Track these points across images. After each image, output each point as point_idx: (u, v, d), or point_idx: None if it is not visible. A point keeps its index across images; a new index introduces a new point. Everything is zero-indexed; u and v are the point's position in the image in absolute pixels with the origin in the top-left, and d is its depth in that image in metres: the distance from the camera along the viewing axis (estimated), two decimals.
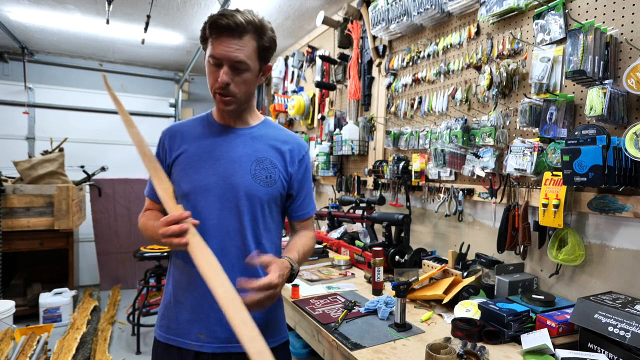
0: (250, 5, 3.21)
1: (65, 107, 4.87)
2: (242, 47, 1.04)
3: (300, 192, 1.24)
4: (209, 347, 1.11)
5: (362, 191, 2.84)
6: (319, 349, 1.48)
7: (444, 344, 1.10)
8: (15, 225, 3.50)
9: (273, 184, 1.16)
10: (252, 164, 1.15)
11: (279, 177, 1.18)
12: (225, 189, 1.12)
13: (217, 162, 1.13)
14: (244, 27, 1.04)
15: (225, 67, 1.05)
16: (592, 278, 1.45)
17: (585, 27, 1.34)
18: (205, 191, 1.11)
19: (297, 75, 3.80)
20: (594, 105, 1.29)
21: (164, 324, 1.17)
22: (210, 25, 1.04)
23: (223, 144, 1.16)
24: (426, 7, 2.02)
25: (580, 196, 1.44)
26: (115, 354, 3.09)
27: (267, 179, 1.15)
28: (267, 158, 1.17)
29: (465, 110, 1.96)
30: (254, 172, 1.14)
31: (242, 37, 1.05)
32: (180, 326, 1.13)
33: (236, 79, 1.07)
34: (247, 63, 1.06)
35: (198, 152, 1.15)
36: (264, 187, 1.14)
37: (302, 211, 1.26)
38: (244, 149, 1.16)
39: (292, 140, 1.24)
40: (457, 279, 1.64)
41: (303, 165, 1.24)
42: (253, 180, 1.13)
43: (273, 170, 1.17)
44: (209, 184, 1.12)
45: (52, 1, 3.18)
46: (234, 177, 1.12)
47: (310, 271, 2.13)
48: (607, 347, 1.10)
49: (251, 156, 1.15)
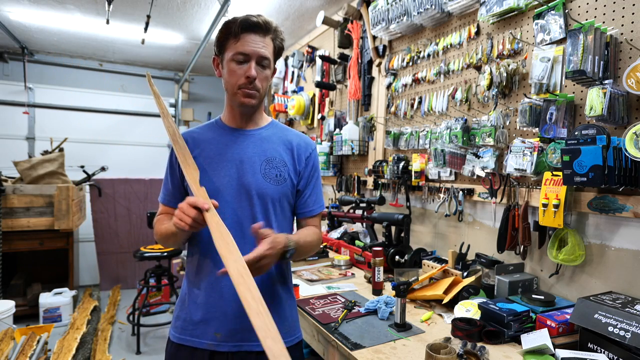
0: (250, 6, 3.22)
1: (65, 107, 4.88)
2: (267, 45, 1.13)
3: (306, 189, 1.26)
4: (225, 345, 1.12)
5: (362, 191, 2.84)
6: (319, 349, 1.48)
7: (444, 344, 1.10)
8: (15, 225, 3.50)
9: (283, 182, 1.19)
10: (262, 163, 1.18)
11: (288, 176, 1.21)
12: (238, 189, 1.15)
13: (228, 163, 1.17)
14: (269, 26, 1.13)
15: (252, 63, 1.11)
16: (592, 278, 1.45)
17: (585, 27, 1.34)
18: (219, 192, 1.14)
19: (297, 75, 3.80)
20: (594, 105, 1.29)
21: (179, 324, 1.18)
22: (242, 23, 1.10)
23: (234, 146, 1.19)
24: (426, 7, 2.02)
25: (580, 196, 1.44)
26: (115, 354, 3.09)
27: (277, 177, 1.18)
28: (276, 157, 1.20)
29: (465, 110, 1.96)
30: (264, 171, 1.17)
31: (266, 36, 1.13)
32: (196, 326, 1.14)
33: (260, 75, 1.14)
34: (270, 60, 1.15)
35: (210, 155, 1.19)
36: (274, 186, 1.18)
37: (307, 208, 1.27)
38: (254, 149, 1.20)
39: (299, 139, 1.28)
40: (457, 279, 1.64)
41: (310, 163, 1.27)
42: (263, 179, 1.16)
43: (282, 169, 1.20)
44: (223, 185, 1.15)
45: (52, 1, 3.18)
46: (245, 177, 1.16)
47: (310, 271, 2.13)
48: (607, 347, 1.10)
49: (261, 156, 1.19)
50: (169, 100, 5.50)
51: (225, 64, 1.15)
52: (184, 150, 1.15)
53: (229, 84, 1.15)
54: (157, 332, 3.50)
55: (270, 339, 0.82)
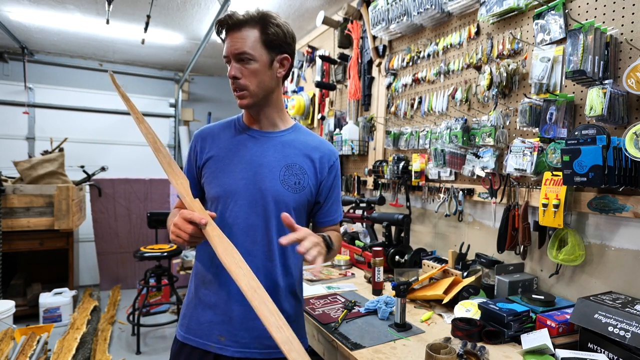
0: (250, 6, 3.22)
1: (65, 107, 4.88)
2: (242, 38, 1.07)
3: (329, 199, 1.23)
4: (229, 350, 1.10)
5: (362, 191, 2.84)
6: (319, 349, 1.48)
7: (444, 344, 1.10)
8: (15, 225, 3.50)
9: (301, 191, 1.15)
10: (282, 169, 1.14)
11: (307, 184, 1.16)
12: (254, 193, 1.11)
13: (246, 166, 1.13)
14: (240, 20, 1.07)
15: (232, 62, 1.09)
16: (592, 278, 1.45)
17: (585, 27, 1.34)
18: (235, 195, 1.11)
19: (297, 75, 3.80)
20: (594, 105, 1.29)
21: (185, 323, 1.17)
22: (218, 26, 1.10)
23: (254, 148, 1.15)
24: (426, 7, 2.02)
25: (580, 196, 1.44)
26: (115, 354, 3.09)
27: (296, 185, 1.14)
28: (296, 164, 1.16)
29: (465, 110, 1.96)
30: (282, 177, 1.13)
31: (240, 30, 1.07)
32: (201, 327, 1.13)
33: (244, 72, 1.09)
34: (250, 53, 1.07)
35: (229, 155, 1.15)
36: (292, 194, 1.13)
37: (329, 217, 1.25)
38: (274, 154, 1.15)
39: (323, 146, 1.23)
40: (457, 279, 1.64)
41: (333, 172, 1.23)
42: (282, 186, 1.12)
43: (302, 177, 1.16)
44: (239, 188, 1.11)
45: (52, 1, 3.18)
46: (263, 182, 1.12)
47: (311, 271, 2.12)
48: (607, 347, 1.10)
49: (281, 161, 1.14)
50: (169, 100, 5.50)
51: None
52: (168, 159, 1.08)
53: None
54: (157, 332, 3.50)
55: (295, 352, 0.82)
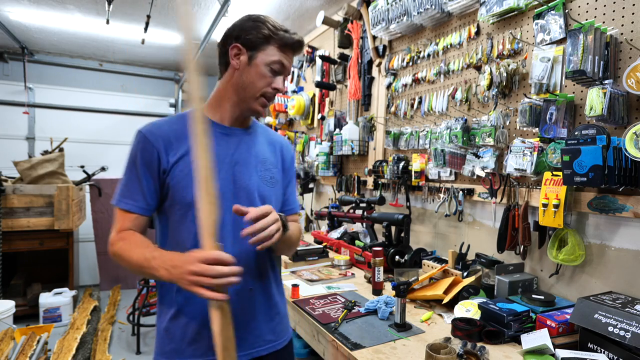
0: (250, 6, 3.21)
1: (65, 107, 4.88)
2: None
3: (289, 189, 1.26)
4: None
5: (362, 191, 2.84)
6: (319, 349, 1.48)
7: (444, 344, 1.10)
8: (15, 225, 3.50)
9: (276, 184, 1.18)
10: (258, 165, 1.14)
11: (279, 178, 1.20)
12: (236, 192, 1.07)
13: (222, 165, 1.07)
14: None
15: (282, 77, 1.13)
16: (592, 278, 1.45)
17: (585, 27, 1.34)
18: (218, 196, 1.00)
19: (297, 75, 3.80)
20: (594, 105, 1.29)
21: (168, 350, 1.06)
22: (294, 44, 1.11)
23: (226, 146, 1.10)
24: (426, 7, 2.02)
25: (580, 196, 1.44)
26: (115, 354, 3.08)
27: (271, 179, 1.17)
28: (268, 159, 1.18)
29: (465, 110, 1.96)
30: (260, 173, 1.14)
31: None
32: (188, 347, 1.04)
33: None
34: None
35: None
36: (270, 188, 1.15)
37: (289, 206, 1.27)
38: (248, 150, 1.14)
39: (280, 138, 1.28)
40: (457, 279, 1.64)
41: (293, 163, 1.29)
42: (262, 182, 1.13)
43: (274, 171, 1.18)
44: (221, 188, 1.03)
45: (52, 1, 3.18)
46: (242, 179, 1.09)
47: (310, 271, 2.13)
48: (607, 347, 1.10)
49: (254, 157, 1.14)
50: (169, 100, 5.50)
51: (255, 64, 1.07)
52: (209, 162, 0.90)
53: (252, 86, 1.07)
54: None
55: None
